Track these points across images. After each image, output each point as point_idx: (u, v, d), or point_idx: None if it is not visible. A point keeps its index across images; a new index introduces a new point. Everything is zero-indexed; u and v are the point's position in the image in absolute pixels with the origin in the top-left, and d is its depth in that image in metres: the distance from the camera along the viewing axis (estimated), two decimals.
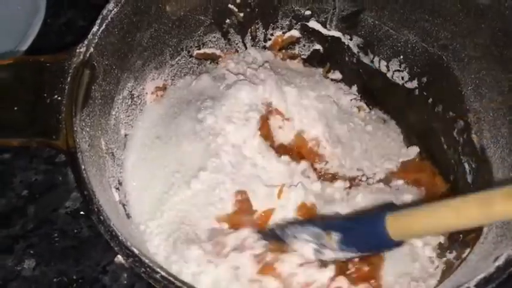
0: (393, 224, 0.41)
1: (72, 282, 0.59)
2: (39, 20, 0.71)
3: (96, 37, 0.49)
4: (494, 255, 0.41)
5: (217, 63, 0.66)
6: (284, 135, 0.60)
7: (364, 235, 0.45)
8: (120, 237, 0.39)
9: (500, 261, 0.39)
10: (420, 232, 0.44)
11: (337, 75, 0.68)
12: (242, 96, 0.58)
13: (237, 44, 0.67)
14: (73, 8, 0.79)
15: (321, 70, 0.69)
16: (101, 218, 0.40)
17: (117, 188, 0.52)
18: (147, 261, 0.38)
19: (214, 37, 0.65)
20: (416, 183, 0.59)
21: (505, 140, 0.52)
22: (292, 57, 0.69)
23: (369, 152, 0.61)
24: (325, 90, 0.65)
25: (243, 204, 0.52)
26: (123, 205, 0.51)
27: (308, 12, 0.65)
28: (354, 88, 0.67)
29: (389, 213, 0.42)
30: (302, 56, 0.69)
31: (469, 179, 0.57)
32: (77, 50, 0.48)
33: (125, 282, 0.59)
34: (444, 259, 0.53)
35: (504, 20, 0.51)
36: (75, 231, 0.62)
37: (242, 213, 0.52)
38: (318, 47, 0.68)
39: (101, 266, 0.60)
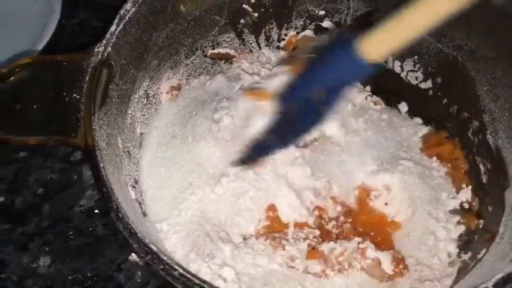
0: (364, 45, 0.39)
1: (87, 279, 0.60)
2: (55, 20, 0.72)
3: (114, 36, 0.49)
4: (511, 255, 0.41)
5: (231, 63, 0.67)
6: None
7: (338, 66, 0.42)
8: (139, 235, 0.40)
9: None
10: (394, 42, 0.40)
11: None
12: None
13: (251, 44, 0.67)
14: (87, 8, 0.79)
15: None
16: (120, 215, 0.40)
17: (133, 187, 0.52)
18: (165, 258, 0.39)
19: (229, 37, 0.65)
20: (440, 158, 0.60)
21: None
22: None
23: (389, 140, 0.61)
24: None
25: (274, 219, 0.53)
26: (139, 203, 0.52)
27: (322, 12, 0.65)
28: (368, 88, 0.67)
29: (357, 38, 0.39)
30: None
31: (484, 179, 0.57)
32: (95, 50, 0.49)
33: (139, 280, 0.59)
34: (460, 259, 0.52)
35: None
36: (90, 229, 0.62)
37: (274, 228, 0.52)
38: None
39: (115, 264, 0.60)
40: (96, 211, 0.63)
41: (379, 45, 0.39)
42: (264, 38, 0.67)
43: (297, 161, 0.54)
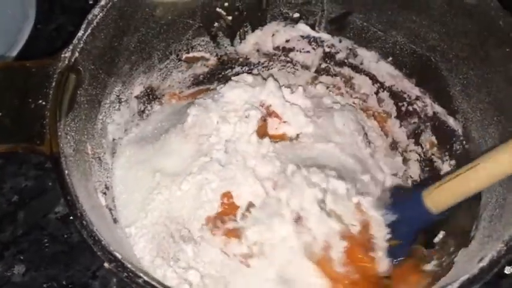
0: (429, 199, 0.48)
1: (62, 287, 0.59)
2: (29, 26, 0.71)
3: (82, 42, 0.49)
4: (480, 256, 0.41)
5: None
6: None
7: (409, 220, 0.52)
8: (103, 242, 0.39)
9: (484, 263, 0.39)
10: (454, 199, 0.48)
11: (326, 79, 0.68)
12: (235, 94, 0.58)
13: (226, 47, 0.67)
14: (64, 13, 0.79)
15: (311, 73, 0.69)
16: (84, 222, 0.40)
17: (104, 193, 0.52)
18: (129, 265, 0.38)
19: (203, 40, 0.65)
20: None
21: (493, 141, 0.52)
22: None
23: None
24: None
25: (229, 206, 0.52)
26: (110, 210, 0.51)
27: (296, 15, 0.65)
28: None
29: (423, 190, 0.49)
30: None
31: None
32: (62, 55, 0.48)
33: (115, 287, 0.59)
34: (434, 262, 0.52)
35: (491, 20, 0.51)
36: (65, 236, 0.62)
37: (226, 214, 0.52)
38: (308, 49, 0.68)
39: (90, 271, 0.60)
40: (71, 218, 0.62)
41: (442, 200, 0.48)
42: (239, 41, 0.67)
43: (267, 155, 0.54)
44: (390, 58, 0.63)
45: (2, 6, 0.74)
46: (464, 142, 0.57)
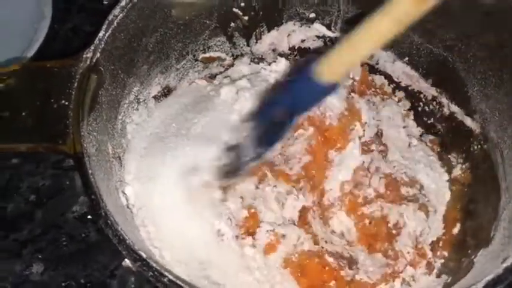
0: (321, 68, 0.41)
1: (80, 286, 0.59)
2: (46, 26, 0.71)
3: (103, 42, 0.49)
4: (502, 256, 0.41)
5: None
6: None
7: (300, 92, 0.45)
8: (128, 241, 0.40)
9: (508, 262, 0.39)
10: (349, 62, 0.42)
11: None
12: None
13: (242, 47, 0.67)
14: (80, 13, 0.79)
15: None
16: (109, 222, 0.40)
17: (124, 192, 0.52)
18: (154, 265, 0.39)
19: (219, 41, 0.65)
20: None
21: (511, 141, 0.52)
22: None
23: None
24: None
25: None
26: (130, 209, 0.52)
27: (313, 15, 0.65)
28: None
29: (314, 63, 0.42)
30: None
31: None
32: (84, 56, 0.49)
33: (133, 286, 0.59)
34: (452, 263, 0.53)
35: (508, 19, 0.51)
36: (83, 235, 0.62)
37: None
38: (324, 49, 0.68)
39: (108, 270, 0.60)
40: (88, 217, 0.63)
41: (332, 66, 0.41)
42: (255, 41, 0.67)
43: None
44: (406, 58, 0.63)
45: (18, 7, 0.75)
46: (482, 142, 0.57)
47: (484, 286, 0.38)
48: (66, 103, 0.46)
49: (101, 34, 0.49)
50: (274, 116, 0.47)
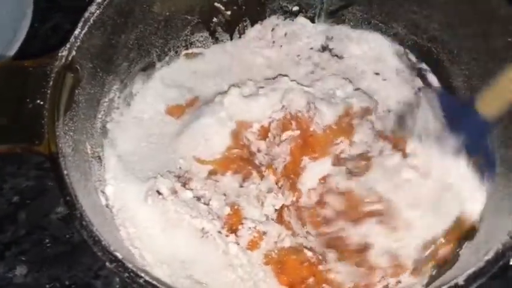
0: (482, 107, 0.47)
1: (65, 287, 0.59)
2: (26, 25, 0.71)
3: (79, 40, 0.49)
4: (485, 249, 0.40)
5: None
6: None
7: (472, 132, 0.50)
8: (103, 242, 0.39)
9: (490, 255, 0.38)
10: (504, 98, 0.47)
11: None
12: None
13: (224, 42, 0.66)
14: (61, 12, 0.78)
15: None
16: (83, 223, 0.40)
17: (104, 192, 0.51)
18: (130, 265, 0.38)
19: (202, 36, 0.64)
20: None
21: (496, 132, 0.51)
22: None
23: None
24: None
25: None
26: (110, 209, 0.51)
27: (296, 8, 0.65)
28: None
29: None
30: None
31: None
32: (59, 54, 0.48)
33: (117, 286, 0.59)
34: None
35: (492, 9, 0.51)
36: (67, 236, 0.62)
37: None
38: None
39: (93, 271, 0.60)
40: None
41: (493, 103, 0.47)
42: (238, 36, 0.66)
43: None
44: None
45: None
46: None
47: (465, 280, 0.37)
48: (42, 102, 0.45)
49: (76, 32, 0.49)
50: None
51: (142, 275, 0.38)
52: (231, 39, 0.66)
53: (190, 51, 0.64)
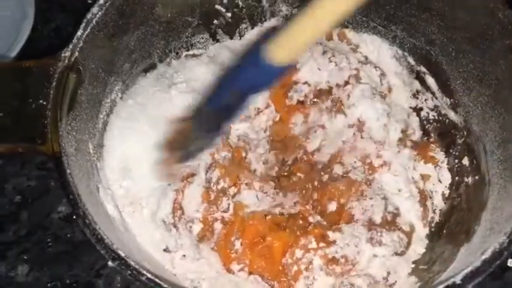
0: (272, 50, 0.41)
1: (66, 286, 0.59)
2: (28, 26, 0.71)
3: (81, 41, 0.49)
4: (483, 248, 0.41)
5: None
6: None
7: (251, 74, 0.44)
8: (106, 240, 0.39)
9: (486, 255, 0.39)
10: (296, 44, 0.41)
11: None
12: None
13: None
14: (63, 13, 0.79)
15: None
16: (87, 221, 0.40)
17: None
18: (132, 263, 0.38)
19: (203, 38, 0.65)
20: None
21: (494, 134, 0.52)
22: None
23: None
24: None
25: None
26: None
27: (296, 11, 0.65)
28: None
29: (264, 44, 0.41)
30: None
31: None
32: (62, 55, 0.48)
33: (119, 285, 0.59)
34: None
35: (490, 12, 0.51)
36: (68, 235, 0.62)
37: None
38: None
39: (94, 269, 0.60)
40: (74, 217, 0.63)
41: (283, 48, 0.41)
42: (239, 38, 0.66)
43: None
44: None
45: (1, 7, 0.74)
46: (465, 135, 0.57)
47: (462, 279, 0.38)
48: (45, 103, 0.46)
49: (79, 33, 0.49)
50: (225, 99, 0.46)
51: (145, 272, 0.38)
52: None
53: (191, 52, 0.65)
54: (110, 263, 0.58)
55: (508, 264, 0.55)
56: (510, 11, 0.49)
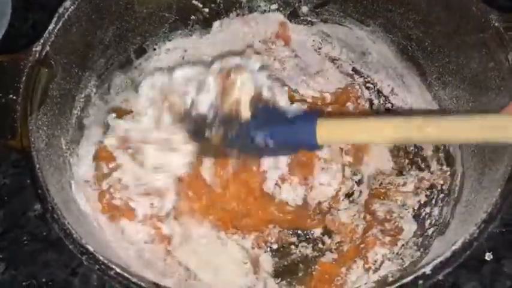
0: (322, 127, 0.43)
1: (42, 285, 0.58)
2: (5, 24, 0.70)
3: (53, 35, 0.49)
4: (454, 240, 0.41)
5: None
6: None
7: (294, 133, 0.46)
8: (75, 235, 0.39)
9: (457, 245, 0.39)
10: (344, 138, 0.46)
11: None
12: None
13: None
14: (41, 10, 0.78)
15: None
16: (55, 216, 0.40)
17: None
18: (101, 258, 0.38)
19: (180, 34, 0.64)
20: None
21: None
22: None
23: None
24: None
25: None
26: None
27: (274, 6, 0.65)
28: None
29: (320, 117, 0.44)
30: None
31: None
32: (33, 49, 0.48)
33: (95, 283, 0.58)
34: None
35: (464, 6, 0.51)
36: (44, 233, 0.61)
37: None
38: None
39: (70, 268, 0.59)
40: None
41: (332, 134, 0.44)
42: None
43: None
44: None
45: None
46: None
47: (432, 269, 0.38)
48: (15, 97, 0.45)
49: (50, 27, 0.49)
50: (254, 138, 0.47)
51: (114, 266, 0.38)
52: None
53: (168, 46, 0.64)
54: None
55: (486, 257, 0.55)
56: (483, 4, 0.49)
